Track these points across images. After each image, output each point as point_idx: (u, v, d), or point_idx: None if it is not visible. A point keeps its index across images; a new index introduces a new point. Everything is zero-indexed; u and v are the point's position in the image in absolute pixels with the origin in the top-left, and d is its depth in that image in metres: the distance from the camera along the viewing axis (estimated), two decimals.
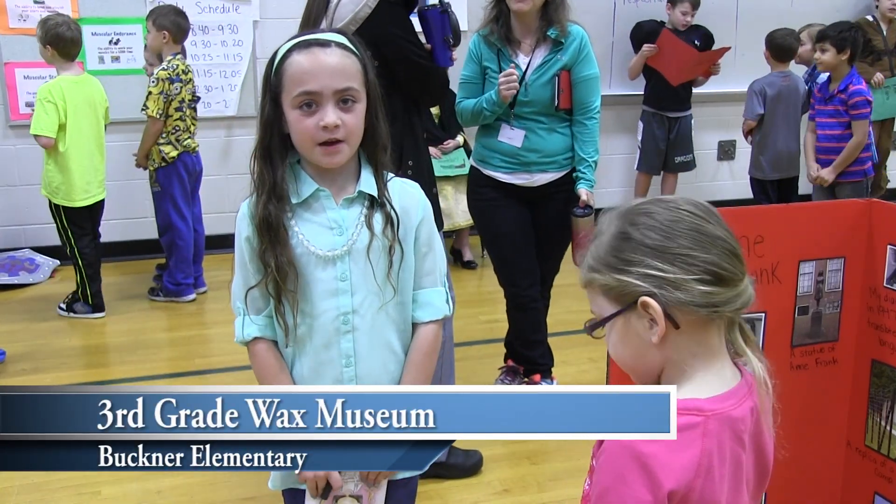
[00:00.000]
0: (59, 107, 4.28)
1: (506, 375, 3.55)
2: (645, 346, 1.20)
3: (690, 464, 1.12)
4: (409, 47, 2.55)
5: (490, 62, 3.21)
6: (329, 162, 1.62)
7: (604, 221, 1.25)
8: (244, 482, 2.94)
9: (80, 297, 4.59)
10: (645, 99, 5.91)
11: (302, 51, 1.60)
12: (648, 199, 1.24)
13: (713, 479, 1.14)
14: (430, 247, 1.73)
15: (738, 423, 1.18)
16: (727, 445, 1.16)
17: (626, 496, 1.11)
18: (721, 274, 1.17)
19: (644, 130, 5.92)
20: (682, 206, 1.21)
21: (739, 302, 1.19)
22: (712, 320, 1.19)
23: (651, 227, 1.19)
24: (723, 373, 1.22)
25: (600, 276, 1.21)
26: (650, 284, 1.16)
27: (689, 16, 5.73)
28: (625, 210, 1.24)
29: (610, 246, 1.21)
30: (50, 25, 4.34)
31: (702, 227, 1.19)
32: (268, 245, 1.62)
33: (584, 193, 3.23)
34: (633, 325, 1.20)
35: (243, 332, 1.71)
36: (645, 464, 1.10)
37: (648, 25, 5.82)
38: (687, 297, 1.16)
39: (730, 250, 1.19)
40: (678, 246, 1.17)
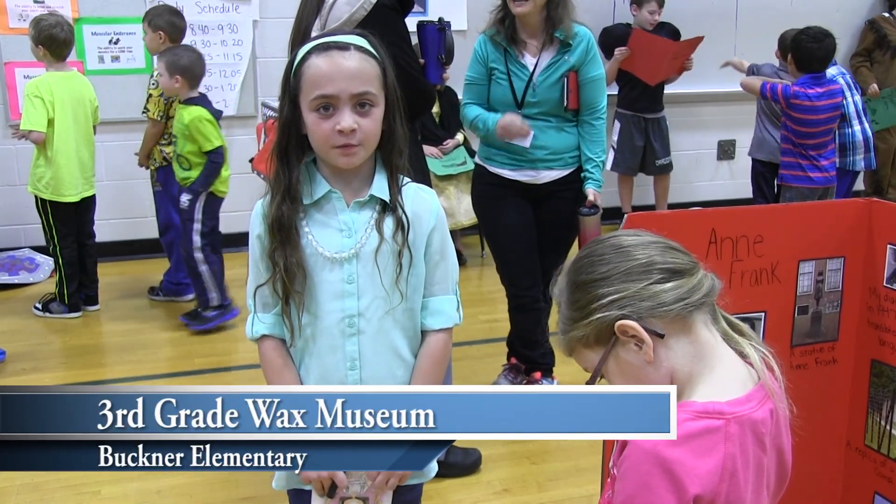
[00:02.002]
0: (46, 101, 4.29)
1: (508, 373, 3.56)
2: (643, 370, 1.21)
3: (715, 469, 1.12)
4: (402, 56, 2.51)
5: (497, 63, 3.22)
6: (346, 162, 1.62)
7: (556, 291, 1.30)
8: (244, 482, 2.94)
9: (57, 296, 4.59)
10: (619, 101, 5.85)
11: (321, 54, 1.60)
12: (583, 248, 1.30)
13: (738, 484, 1.14)
14: (442, 255, 1.72)
15: (760, 426, 1.18)
16: (749, 449, 1.16)
17: (651, 503, 1.11)
18: (673, 268, 1.20)
19: (621, 132, 5.86)
20: (613, 235, 1.28)
21: (704, 288, 1.22)
22: (690, 314, 1.20)
23: (593, 263, 1.23)
24: (736, 372, 1.22)
25: (574, 332, 1.24)
26: (617, 308, 1.19)
27: (657, 14, 5.71)
28: (567, 267, 1.29)
29: (568, 302, 1.25)
30: (43, 26, 4.34)
31: (636, 239, 1.24)
32: (278, 245, 1.63)
33: (592, 193, 3.26)
34: (623, 357, 1.21)
35: (252, 330, 1.72)
36: (669, 469, 1.10)
37: (618, 30, 5.77)
38: (655, 302, 1.18)
39: (669, 247, 1.24)
40: (624, 262, 1.21)
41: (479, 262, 5.51)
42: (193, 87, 4.28)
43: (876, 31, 6.34)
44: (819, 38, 4.40)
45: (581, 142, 3.28)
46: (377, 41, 1.67)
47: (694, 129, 6.16)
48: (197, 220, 4.33)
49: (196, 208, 4.32)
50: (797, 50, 4.46)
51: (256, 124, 5.24)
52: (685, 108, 6.34)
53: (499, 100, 3.25)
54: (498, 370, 3.61)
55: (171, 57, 4.23)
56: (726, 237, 1.94)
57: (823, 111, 4.43)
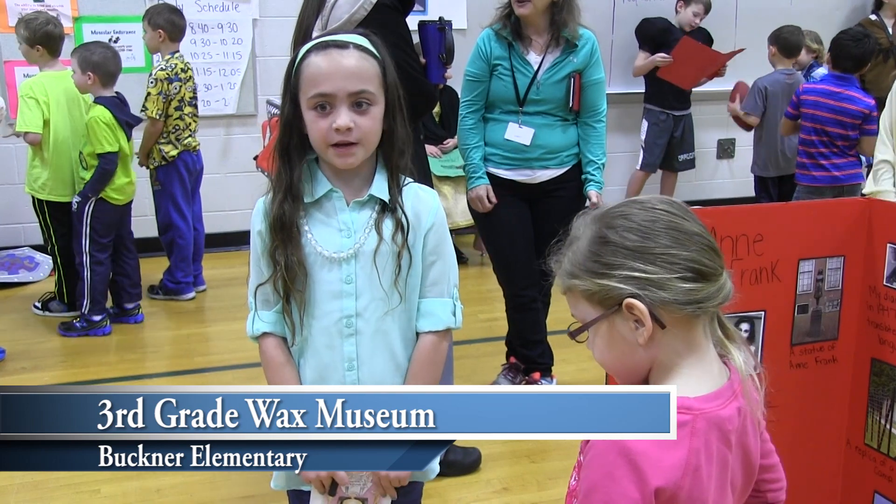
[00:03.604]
0: (42, 101, 4.27)
1: (507, 372, 3.56)
2: (631, 348, 1.20)
3: (680, 462, 1.13)
4: (403, 56, 2.49)
5: (501, 59, 3.22)
6: (342, 163, 1.62)
7: (578, 226, 1.26)
8: (243, 481, 2.94)
9: (57, 295, 4.58)
10: (647, 97, 5.85)
11: (319, 52, 1.60)
12: (623, 202, 1.25)
13: (701, 479, 1.15)
14: (438, 255, 1.71)
15: (726, 423, 1.18)
16: (714, 445, 1.16)
17: (613, 493, 1.11)
18: (702, 270, 1.18)
19: (649, 129, 5.85)
20: (658, 206, 1.22)
21: (721, 297, 1.20)
22: (697, 317, 1.19)
23: (629, 229, 1.19)
24: (710, 370, 1.22)
25: (581, 281, 1.21)
26: (633, 286, 1.17)
27: (700, 17, 5.67)
28: (600, 214, 1.25)
29: (588, 251, 1.21)
30: (36, 25, 4.31)
31: (679, 224, 1.20)
32: (279, 244, 1.63)
33: (594, 195, 3.27)
34: (617, 327, 1.20)
35: (253, 328, 1.71)
36: (633, 461, 1.11)
37: (660, 23, 5.72)
38: (671, 296, 1.16)
39: (708, 245, 1.20)
40: (658, 245, 1.18)
41: (478, 262, 5.51)
42: (106, 84, 4.19)
43: None
44: (859, 37, 4.38)
45: (582, 144, 3.29)
46: (378, 41, 1.66)
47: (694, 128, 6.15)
48: (85, 225, 4.25)
49: (84, 212, 4.25)
50: (836, 48, 4.45)
51: (262, 122, 5.25)
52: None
53: (500, 96, 3.24)
54: (497, 369, 3.61)
55: (83, 52, 4.16)
56: (726, 236, 1.94)
57: (827, 110, 4.42)
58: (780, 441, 1.30)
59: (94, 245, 4.27)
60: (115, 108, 4.19)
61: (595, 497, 1.13)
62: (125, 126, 4.23)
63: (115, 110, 4.18)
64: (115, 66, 4.20)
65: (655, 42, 5.65)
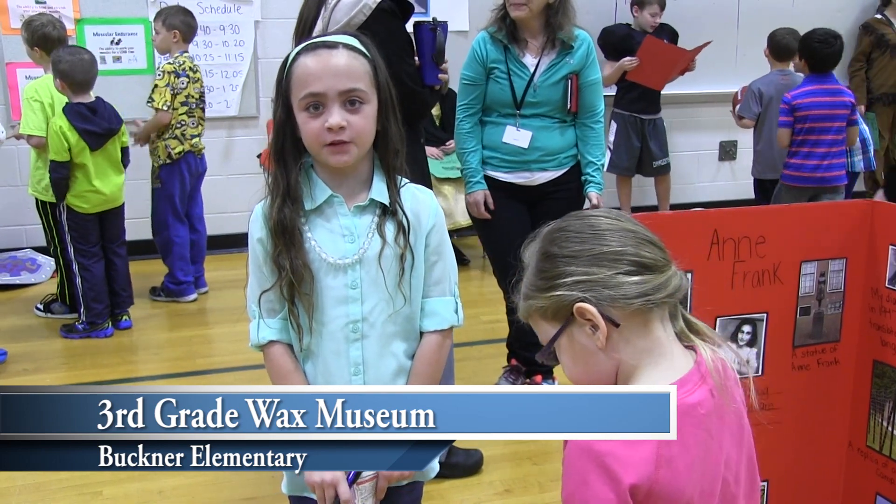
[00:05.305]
0: (45, 104, 4.26)
1: (509, 374, 3.57)
2: (594, 355, 1.22)
3: (649, 456, 1.13)
4: (399, 63, 2.47)
5: (497, 62, 3.21)
6: (337, 161, 1.60)
7: (527, 253, 1.30)
8: (245, 482, 2.94)
9: (59, 297, 4.58)
10: (616, 102, 5.81)
11: (309, 53, 1.60)
12: (562, 218, 1.29)
13: (678, 470, 1.15)
14: (439, 255, 1.71)
15: (696, 409, 1.19)
16: (688, 432, 1.16)
17: (589, 498, 1.12)
18: (644, 262, 1.20)
19: (618, 132, 5.82)
20: (594, 214, 1.27)
21: (670, 287, 1.22)
22: (650, 310, 1.21)
23: (568, 239, 1.23)
24: (672, 363, 1.23)
25: (535, 301, 1.24)
26: (580, 290, 1.19)
27: (658, 17, 5.67)
28: (542, 234, 1.29)
29: (536, 269, 1.25)
30: (35, 27, 4.33)
31: (614, 224, 1.24)
32: (282, 248, 1.61)
33: (595, 197, 3.28)
34: (576, 337, 1.22)
35: (258, 336, 1.68)
36: (602, 462, 1.12)
37: (619, 30, 5.73)
38: (618, 293, 1.19)
39: (645, 239, 1.23)
40: (597, 246, 1.21)
41: (480, 264, 5.51)
42: (77, 91, 4.09)
43: (872, 34, 6.33)
44: (826, 39, 4.40)
45: (580, 145, 3.29)
46: (369, 40, 1.66)
47: (695, 130, 6.16)
48: (65, 232, 4.24)
49: (60, 220, 4.25)
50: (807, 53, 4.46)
51: (266, 121, 5.25)
52: (686, 108, 6.34)
53: (497, 99, 3.23)
54: (499, 371, 3.61)
55: (53, 58, 4.11)
56: (728, 238, 1.94)
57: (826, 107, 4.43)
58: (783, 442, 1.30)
59: (78, 252, 4.26)
60: (77, 118, 4.08)
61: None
62: (89, 136, 4.11)
63: (75, 120, 4.07)
64: (83, 74, 4.09)
65: (618, 50, 5.62)
